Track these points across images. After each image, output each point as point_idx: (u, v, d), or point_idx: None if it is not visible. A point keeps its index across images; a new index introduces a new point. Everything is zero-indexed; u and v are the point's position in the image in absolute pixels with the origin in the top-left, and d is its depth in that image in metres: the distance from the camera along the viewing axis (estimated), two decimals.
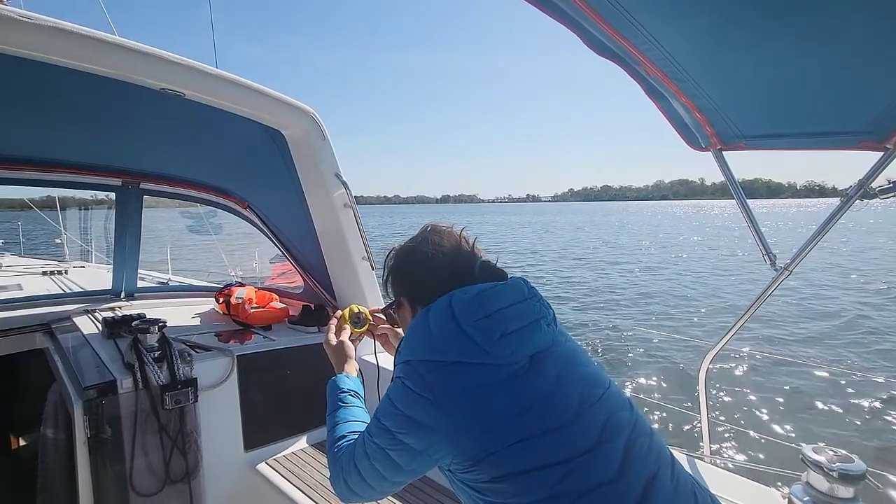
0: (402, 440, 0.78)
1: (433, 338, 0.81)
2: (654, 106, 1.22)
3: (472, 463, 0.75)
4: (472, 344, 0.78)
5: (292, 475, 1.75)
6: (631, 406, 0.84)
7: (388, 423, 0.80)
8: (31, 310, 2.30)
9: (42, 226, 6.44)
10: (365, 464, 0.84)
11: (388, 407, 0.82)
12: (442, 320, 0.81)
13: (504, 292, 0.84)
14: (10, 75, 1.36)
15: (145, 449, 1.57)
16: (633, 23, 0.85)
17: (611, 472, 0.72)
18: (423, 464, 0.80)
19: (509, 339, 0.79)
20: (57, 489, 1.66)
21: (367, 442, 0.84)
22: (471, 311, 0.80)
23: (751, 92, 1.10)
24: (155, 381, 1.59)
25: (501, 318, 0.80)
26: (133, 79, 1.34)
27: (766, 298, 1.49)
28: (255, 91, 1.57)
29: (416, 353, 0.82)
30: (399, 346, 0.88)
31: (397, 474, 0.82)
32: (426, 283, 0.90)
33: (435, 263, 0.90)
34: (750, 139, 1.30)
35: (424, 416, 0.76)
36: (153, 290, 2.90)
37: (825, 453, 1.14)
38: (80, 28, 1.18)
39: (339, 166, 1.87)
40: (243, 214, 2.64)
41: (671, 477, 0.77)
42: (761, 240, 1.41)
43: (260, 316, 2.29)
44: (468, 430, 0.75)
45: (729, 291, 11.72)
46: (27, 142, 2.01)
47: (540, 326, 0.83)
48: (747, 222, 1.44)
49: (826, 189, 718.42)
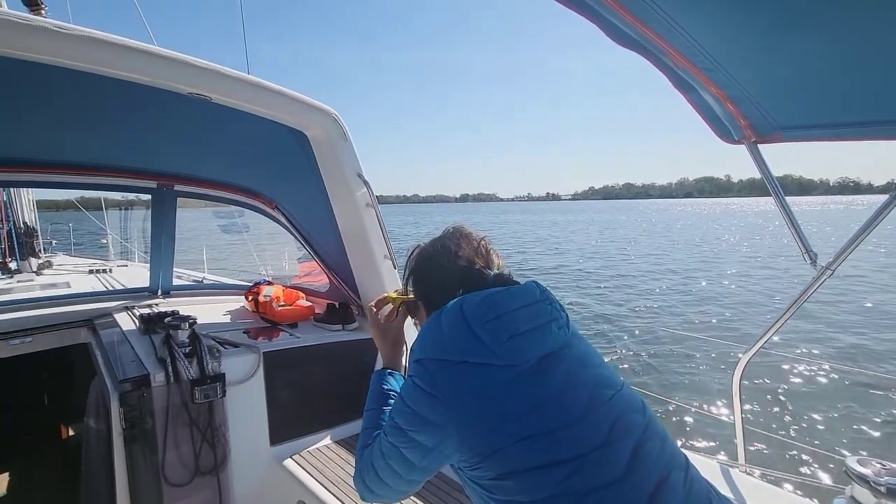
0: (413, 437, 0.80)
1: (444, 338, 0.82)
2: (681, 99, 1.17)
3: (478, 460, 0.76)
4: (479, 344, 0.79)
5: (316, 470, 1.77)
6: (644, 408, 0.82)
7: (400, 422, 0.82)
8: (78, 306, 2.43)
9: (88, 226, 6.81)
10: (381, 462, 0.86)
11: (400, 405, 0.84)
12: (453, 322, 0.83)
13: (515, 295, 0.85)
14: (52, 84, 1.43)
15: (177, 441, 1.63)
16: (658, 11, 0.81)
17: (618, 471, 0.72)
18: (434, 461, 0.81)
19: (518, 341, 0.79)
20: (98, 477, 1.74)
21: (383, 441, 0.86)
22: (481, 313, 0.82)
23: (788, 80, 1.03)
24: (185, 376, 1.64)
25: (511, 319, 0.81)
26: (163, 84, 1.39)
27: (805, 299, 1.41)
28: (277, 93, 1.60)
29: (427, 352, 0.84)
30: (412, 346, 0.90)
31: (412, 472, 0.83)
32: (439, 291, 0.92)
33: (450, 273, 0.93)
34: (788, 130, 1.22)
35: (433, 413, 0.78)
36: (187, 287, 3.01)
37: (872, 466, 1.06)
38: (112, 37, 1.24)
39: (360, 166, 1.89)
40: (271, 215, 2.70)
41: (684, 481, 0.75)
42: (801, 238, 1.33)
43: (287, 314, 2.33)
44: (474, 428, 0.76)
45: (767, 292, 11.20)
46: (70, 147, 2.13)
47: (551, 329, 0.83)
48: (786, 220, 1.36)
49: (861, 185, 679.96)
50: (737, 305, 9.97)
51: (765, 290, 11.62)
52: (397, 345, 1.12)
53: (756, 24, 0.83)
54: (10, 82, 1.41)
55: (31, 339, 2.23)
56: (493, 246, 0.98)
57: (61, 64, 1.21)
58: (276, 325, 2.30)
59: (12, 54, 1.15)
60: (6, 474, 2.67)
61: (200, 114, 1.73)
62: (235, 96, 1.52)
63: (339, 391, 2.09)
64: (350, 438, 2.03)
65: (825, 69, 0.94)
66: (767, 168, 1.32)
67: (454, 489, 1.64)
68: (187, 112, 1.72)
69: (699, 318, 8.95)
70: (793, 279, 12.45)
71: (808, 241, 1.33)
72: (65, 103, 1.65)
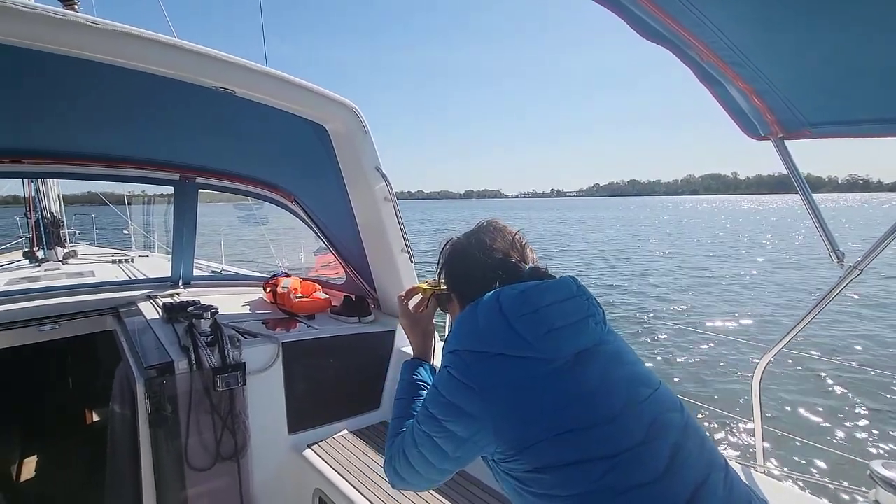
0: (447, 427, 0.80)
1: (480, 330, 0.82)
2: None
3: (513, 453, 0.76)
4: (517, 337, 0.79)
5: (332, 460, 1.80)
6: (682, 408, 0.81)
7: (434, 411, 0.82)
8: (103, 294, 2.51)
9: (111, 218, 6.98)
10: (413, 451, 0.87)
11: (434, 395, 0.84)
12: (489, 314, 0.83)
13: (551, 289, 0.84)
14: (80, 77, 1.47)
15: (199, 427, 1.68)
16: (686, 4, 0.79)
17: (657, 471, 0.71)
18: (468, 451, 0.82)
19: (555, 335, 0.79)
20: (123, 461, 1.80)
21: (416, 430, 0.87)
22: (518, 306, 0.82)
23: (819, 75, 1.00)
24: (208, 364, 1.68)
25: (548, 314, 0.80)
26: (188, 77, 1.42)
27: (832, 299, 1.37)
28: (299, 86, 1.61)
29: (463, 343, 0.84)
30: (447, 337, 0.91)
31: (444, 461, 0.84)
32: (474, 284, 0.92)
33: (485, 266, 0.92)
34: (817, 126, 1.19)
35: (468, 404, 0.78)
36: (207, 278, 3.07)
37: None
38: (142, 32, 1.26)
39: (379, 160, 1.90)
40: (289, 207, 2.74)
41: (724, 483, 0.74)
42: (828, 236, 1.30)
43: (304, 305, 2.37)
44: (509, 421, 0.76)
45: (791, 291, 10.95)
46: (95, 139, 2.18)
47: (588, 324, 0.83)
48: (812, 217, 1.33)
49: (870, 183, 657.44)
50: (758, 303, 9.78)
51: (788, 288, 11.37)
52: (427, 335, 1.13)
53: (786, 16, 0.81)
54: (40, 76, 1.46)
55: (59, 325, 2.30)
56: (527, 240, 0.98)
57: (92, 58, 1.24)
58: (294, 316, 2.34)
59: (46, 48, 1.18)
60: (34, 457, 2.78)
61: (223, 107, 1.75)
62: (259, 90, 1.54)
63: (356, 383, 2.12)
64: (366, 430, 2.05)
65: (859, 63, 0.92)
66: (795, 165, 1.29)
67: (471, 484, 1.66)
68: (210, 106, 1.75)
69: (718, 317, 8.80)
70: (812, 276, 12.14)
71: (836, 240, 1.30)
72: (91, 97, 1.70)
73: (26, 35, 1.12)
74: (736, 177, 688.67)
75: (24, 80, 1.49)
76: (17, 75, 1.43)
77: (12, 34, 1.11)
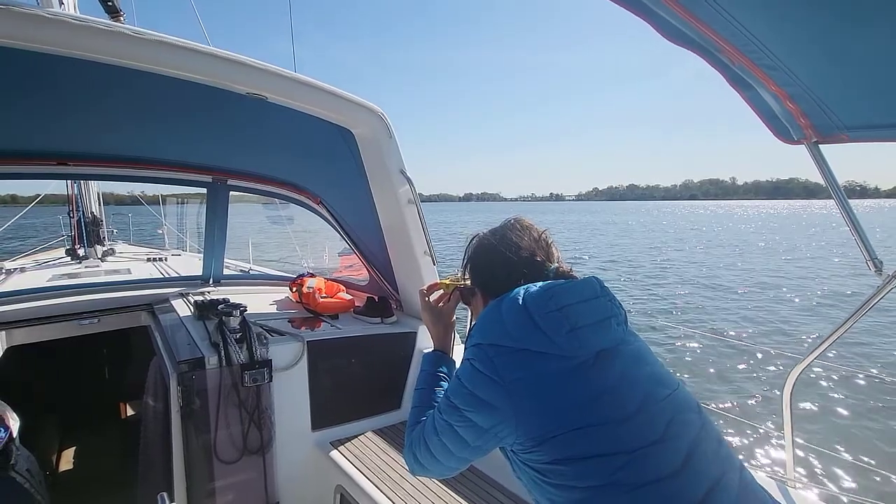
0: (469, 417, 0.83)
1: (505, 325, 0.84)
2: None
3: (533, 444, 0.78)
4: (540, 334, 0.81)
5: (354, 457, 1.84)
6: (699, 410, 0.83)
7: (456, 401, 0.85)
8: (139, 291, 2.62)
9: (146, 217, 7.26)
10: (434, 439, 0.89)
11: (457, 386, 0.86)
12: (514, 311, 0.85)
13: (575, 289, 0.86)
14: (122, 85, 1.55)
15: (227, 421, 1.73)
16: (713, 6, 0.79)
17: (672, 468, 0.72)
18: (488, 441, 0.84)
19: (578, 334, 0.81)
20: (155, 452, 1.88)
21: (437, 419, 0.89)
22: (542, 304, 0.83)
23: (856, 78, 0.97)
24: (236, 360, 1.74)
25: (572, 312, 0.82)
26: (223, 84, 1.47)
27: (868, 309, 1.32)
28: (328, 92, 1.66)
29: (487, 337, 0.86)
30: (470, 331, 0.93)
31: (463, 450, 0.86)
32: (499, 280, 0.95)
33: (510, 264, 0.94)
34: (854, 130, 1.15)
35: (491, 396, 0.80)
36: (236, 277, 3.17)
37: None
38: (182, 41, 1.33)
39: (404, 163, 1.93)
40: (315, 209, 2.80)
41: (739, 484, 0.75)
42: (865, 244, 1.26)
43: (328, 305, 2.42)
44: (531, 414, 0.78)
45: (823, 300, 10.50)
46: (133, 143, 2.28)
47: (610, 324, 0.84)
48: (849, 225, 1.28)
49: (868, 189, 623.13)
50: (787, 312, 9.42)
51: (820, 297, 10.91)
52: (448, 329, 1.15)
53: (821, 18, 0.79)
54: (85, 84, 1.54)
55: (98, 320, 2.42)
56: (553, 239, 1.00)
57: (137, 66, 1.31)
58: (319, 315, 2.39)
59: (96, 58, 1.25)
60: (73, 448, 2.91)
61: (254, 112, 1.82)
62: (290, 96, 1.59)
63: (378, 382, 2.15)
64: (387, 429, 2.08)
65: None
66: (830, 170, 1.25)
67: (492, 487, 1.66)
68: (242, 111, 1.81)
69: (747, 325, 8.52)
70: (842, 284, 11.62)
71: (874, 248, 1.25)
72: (132, 104, 1.78)
73: (80, 46, 1.20)
74: (734, 182, 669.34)
75: (73, 88, 1.58)
76: (67, 84, 1.52)
77: (68, 45, 1.18)
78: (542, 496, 0.81)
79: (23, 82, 1.50)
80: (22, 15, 1.10)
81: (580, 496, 0.74)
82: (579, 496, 0.74)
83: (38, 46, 1.17)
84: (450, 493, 1.61)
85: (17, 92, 1.58)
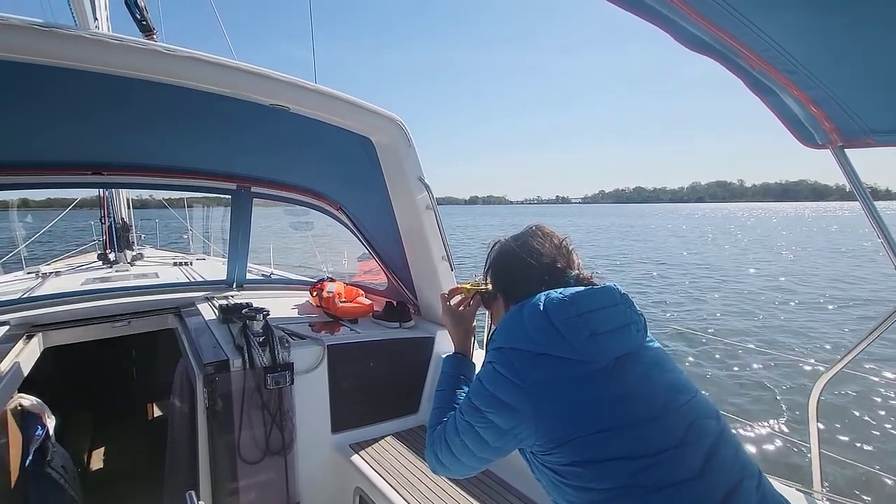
0: (490, 419, 0.84)
1: (526, 329, 0.86)
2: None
3: (552, 446, 0.79)
4: (561, 339, 0.82)
5: (373, 460, 1.86)
6: (718, 416, 0.83)
7: (477, 403, 0.87)
8: (166, 295, 2.71)
9: (171, 222, 7.48)
10: (455, 439, 0.91)
11: (479, 388, 0.88)
12: (535, 316, 0.87)
13: (595, 296, 0.88)
14: (152, 99, 1.62)
15: (251, 422, 1.78)
16: (732, 12, 0.78)
17: (691, 472, 0.73)
18: (508, 442, 0.85)
19: (597, 340, 0.82)
20: (181, 451, 1.93)
21: (459, 419, 0.91)
22: (563, 310, 0.85)
23: (882, 79, 0.96)
24: (259, 363, 1.79)
25: (592, 319, 0.84)
26: (248, 96, 1.53)
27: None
28: (348, 102, 1.70)
29: (508, 341, 0.88)
30: (492, 335, 0.95)
31: (484, 450, 0.88)
32: (520, 286, 0.97)
33: (532, 269, 0.97)
34: (880, 134, 1.13)
35: (511, 398, 0.82)
36: (259, 281, 3.24)
37: None
38: (210, 56, 1.38)
39: (422, 170, 1.96)
40: (335, 215, 2.85)
41: (757, 490, 0.75)
42: (893, 249, 1.22)
43: (348, 310, 2.46)
44: (550, 416, 0.79)
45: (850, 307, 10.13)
46: (162, 153, 2.37)
47: (629, 331, 0.85)
48: (876, 229, 1.25)
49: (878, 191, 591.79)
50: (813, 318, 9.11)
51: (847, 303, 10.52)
52: (468, 332, 1.17)
53: (843, 21, 0.78)
54: (119, 98, 1.62)
55: (129, 322, 2.51)
56: (573, 246, 1.02)
57: (168, 81, 1.37)
58: (339, 319, 2.43)
59: (132, 74, 1.32)
60: (103, 447, 3.02)
61: (277, 123, 1.87)
62: (311, 106, 1.64)
63: (396, 386, 2.17)
64: (405, 432, 2.10)
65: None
66: (856, 174, 1.22)
67: (507, 492, 1.66)
68: (265, 121, 1.87)
69: (771, 332, 8.27)
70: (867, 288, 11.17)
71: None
72: (161, 115, 1.86)
73: (117, 64, 1.27)
74: (742, 184, 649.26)
75: (107, 103, 1.66)
76: (103, 98, 1.60)
77: (105, 63, 1.25)
78: (560, 498, 0.82)
79: (63, 98, 1.58)
80: (65, 36, 1.16)
81: (598, 498, 0.75)
82: (597, 498, 0.75)
83: (77, 64, 1.24)
84: (466, 496, 1.62)
85: (58, 107, 1.67)
